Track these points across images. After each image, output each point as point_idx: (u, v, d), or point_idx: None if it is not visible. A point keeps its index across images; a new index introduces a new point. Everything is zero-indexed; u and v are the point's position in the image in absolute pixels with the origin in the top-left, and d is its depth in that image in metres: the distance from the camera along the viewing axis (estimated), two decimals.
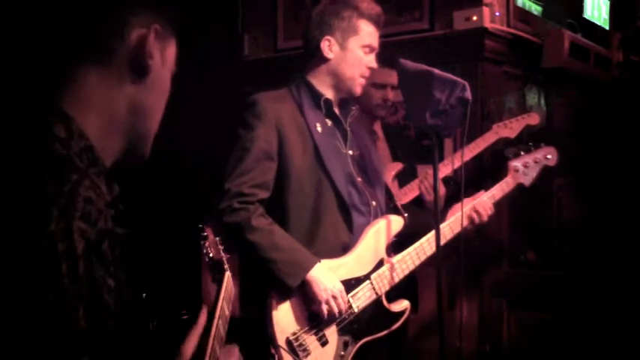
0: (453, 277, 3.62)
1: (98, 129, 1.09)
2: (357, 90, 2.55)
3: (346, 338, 2.46)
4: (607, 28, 4.90)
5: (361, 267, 2.50)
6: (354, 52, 2.51)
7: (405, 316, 2.58)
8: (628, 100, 4.48)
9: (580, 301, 3.62)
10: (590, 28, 4.68)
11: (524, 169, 2.93)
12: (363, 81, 2.55)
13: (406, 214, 2.62)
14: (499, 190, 2.84)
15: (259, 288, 2.43)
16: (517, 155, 2.96)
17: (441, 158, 2.68)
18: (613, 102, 4.54)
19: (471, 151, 3.26)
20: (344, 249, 2.48)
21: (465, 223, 2.66)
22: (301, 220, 2.43)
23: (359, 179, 2.56)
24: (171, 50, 1.20)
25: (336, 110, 2.57)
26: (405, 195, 3.28)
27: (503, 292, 3.81)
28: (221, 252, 1.80)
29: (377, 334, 2.52)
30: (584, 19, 4.66)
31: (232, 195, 2.36)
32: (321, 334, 2.41)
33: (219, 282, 1.68)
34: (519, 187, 2.94)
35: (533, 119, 3.35)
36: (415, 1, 4.07)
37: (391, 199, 2.72)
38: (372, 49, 2.53)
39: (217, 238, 1.83)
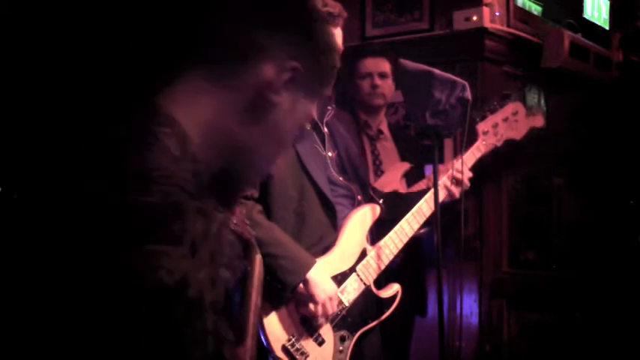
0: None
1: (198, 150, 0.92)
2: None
3: (342, 333, 2.47)
4: (607, 28, 4.90)
5: (345, 261, 2.51)
6: None
7: (397, 299, 2.59)
8: (628, 100, 4.48)
9: (580, 301, 3.62)
10: (590, 28, 4.67)
11: (494, 129, 2.87)
12: None
13: (381, 201, 2.63)
14: (470, 155, 2.77)
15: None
16: (484, 117, 2.88)
17: (441, 158, 2.66)
18: (613, 102, 4.54)
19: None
20: (328, 247, 2.50)
21: (445, 194, 2.64)
22: (285, 222, 2.43)
23: (340, 178, 2.58)
24: (306, 106, 1.01)
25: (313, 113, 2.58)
26: None
27: (503, 292, 3.81)
28: (248, 228, 1.45)
29: (372, 323, 2.54)
30: (584, 19, 4.66)
31: None
32: (316, 334, 2.41)
33: (248, 265, 1.39)
34: (494, 149, 2.89)
35: (538, 121, 3.32)
36: (415, 1, 4.06)
37: (366, 188, 2.73)
38: None
39: (242, 210, 1.47)
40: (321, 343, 2.42)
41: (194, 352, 0.81)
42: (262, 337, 2.35)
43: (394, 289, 2.60)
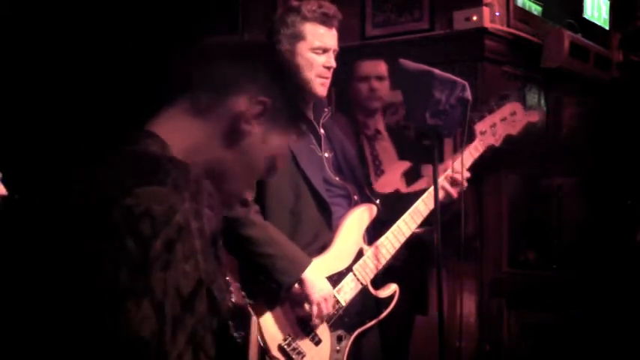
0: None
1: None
2: (319, 90, 2.49)
3: (339, 333, 2.46)
4: (607, 28, 4.91)
5: (341, 261, 2.50)
6: (303, 57, 2.46)
7: (395, 299, 2.58)
8: (628, 100, 4.49)
9: (580, 301, 3.62)
10: (590, 28, 4.68)
11: (492, 129, 2.86)
12: (323, 81, 2.49)
13: (378, 201, 2.63)
14: (468, 156, 2.76)
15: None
16: (482, 117, 2.86)
17: (441, 158, 2.66)
18: (613, 102, 4.55)
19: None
20: (324, 247, 2.49)
21: (442, 194, 2.64)
22: (281, 222, 2.43)
23: (337, 178, 2.58)
24: (278, 139, 1.21)
25: (310, 115, 2.57)
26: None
27: (503, 292, 3.81)
28: (244, 297, 1.72)
29: (369, 323, 2.53)
30: (584, 19, 4.66)
31: None
32: (313, 333, 2.41)
33: (244, 331, 1.55)
34: (491, 149, 2.88)
35: (533, 117, 3.33)
36: (415, 1, 4.07)
37: (362, 188, 2.73)
38: (325, 50, 2.48)
39: (237, 284, 1.69)
40: (317, 342, 2.41)
41: (184, 265, 0.98)
42: (258, 336, 2.34)
43: (392, 288, 2.59)
